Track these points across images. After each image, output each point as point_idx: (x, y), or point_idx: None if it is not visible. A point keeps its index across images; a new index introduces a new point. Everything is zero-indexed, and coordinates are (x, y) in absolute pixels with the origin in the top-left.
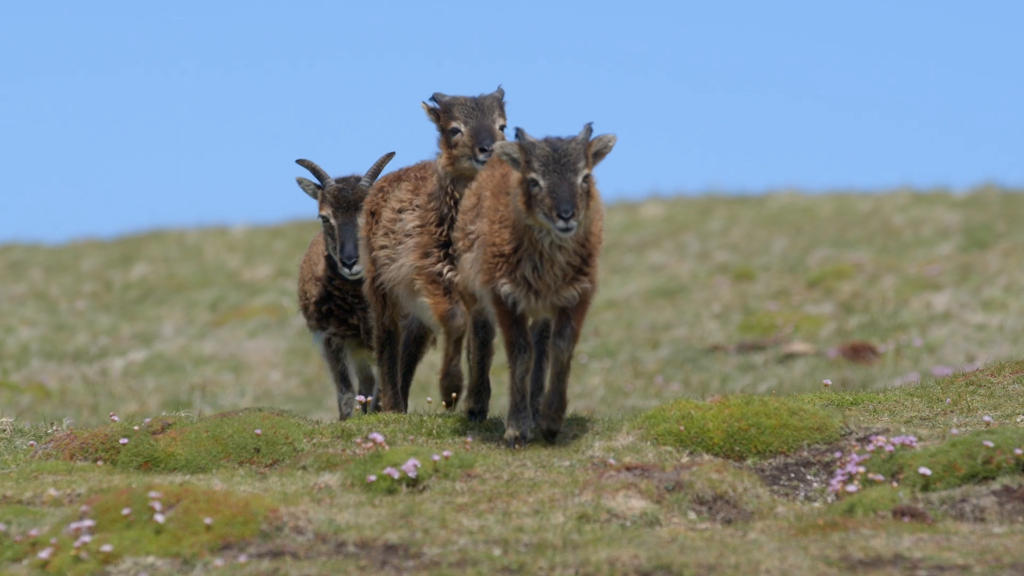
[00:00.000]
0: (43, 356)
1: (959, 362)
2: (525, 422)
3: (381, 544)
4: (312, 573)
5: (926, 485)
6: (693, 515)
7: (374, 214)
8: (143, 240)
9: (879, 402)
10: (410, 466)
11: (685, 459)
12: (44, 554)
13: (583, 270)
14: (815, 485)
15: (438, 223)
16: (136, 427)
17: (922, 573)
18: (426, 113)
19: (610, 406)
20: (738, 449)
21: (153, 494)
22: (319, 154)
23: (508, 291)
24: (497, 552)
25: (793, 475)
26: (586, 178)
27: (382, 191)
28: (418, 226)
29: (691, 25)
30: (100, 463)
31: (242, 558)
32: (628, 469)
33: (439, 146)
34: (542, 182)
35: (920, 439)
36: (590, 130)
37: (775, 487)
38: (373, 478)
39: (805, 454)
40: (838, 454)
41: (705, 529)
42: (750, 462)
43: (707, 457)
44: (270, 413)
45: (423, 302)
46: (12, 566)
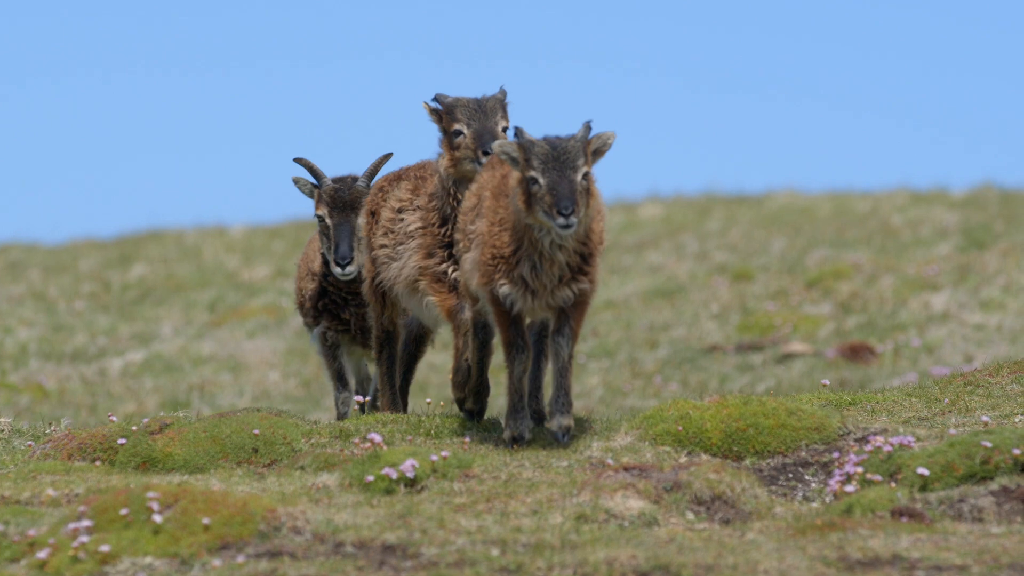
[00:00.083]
0: (41, 356)
1: (957, 362)
2: (523, 422)
3: (379, 544)
4: (310, 573)
5: (924, 485)
6: (691, 515)
7: (374, 214)
8: (141, 240)
9: (877, 402)
10: (408, 466)
11: (683, 459)
12: (42, 554)
13: (583, 270)
14: (813, 485)
15: (441, 224)
16: (134, 427)
17: (920, 573)
18: (428, 114)
19: (608, 406)
20: (736, 449)
21: (151, 494)
22: (318, 154)
23: (506, 292)
24: (495, 552)
25: (791, 475)
26: (585, 175)
27: (382, 191)
28: (421, 227)
29: (689, 25)
30: (98, 463)
31: (240, 558)
32: (626, 469)
33: (441, 147)
34: (542, 180)
35: (918, 439)
36: (589, 128)
37: (773, 487)
38: (371, 478)
39: (803, 454)
40: (836, 454)
41: (703, 529)
42: (748, 462)
43: (705, 457)
44: (268, 413)
45: (429, 301)
46: (10, 566)
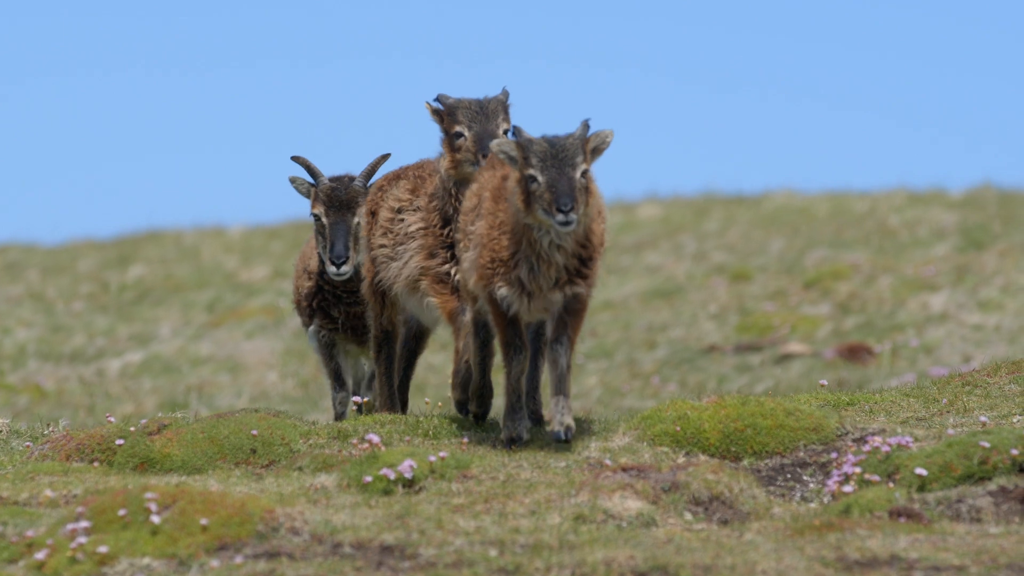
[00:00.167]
0: (40, 357)
1: (955, 362)
2: (521, 423)
3: (377, 545)
4: (308, 574)
5: (922, 486)
6: (689, 516)
7: (373, 214)
8: (140, 241)
9: (875, 403)
10: (406, 467)
11: (681, 460)
12: (40, 555)
13: (581, 273)
14: (811, 486)
15: (442, 224)
16: (132, 428)
17: (918, 574)
18: (430, 114)
19: (607, 407)
20: (734, 450)
21: (149, 495)
22: (317, 155)
23: (504, 295)
24: (493, 553)
25: (789, 476)
26: (584, 173)
27: (381, 190)
28: (422, 227)
29: (687, 26)
30: (96, 464)
31: (238, 559)
32: (624, 470)
33: (442, 147)
34: (540, 178)
35: (916, 440)
36: (587, 126)
37: (771, 488)
38: (369, 479)
39: (801, 455)
40: (834, 455)
41: (701, 530)
42: (746, 463)
43: (703, 458)
44: (266, 414)
45: (429, 302)
46: (8, 567)
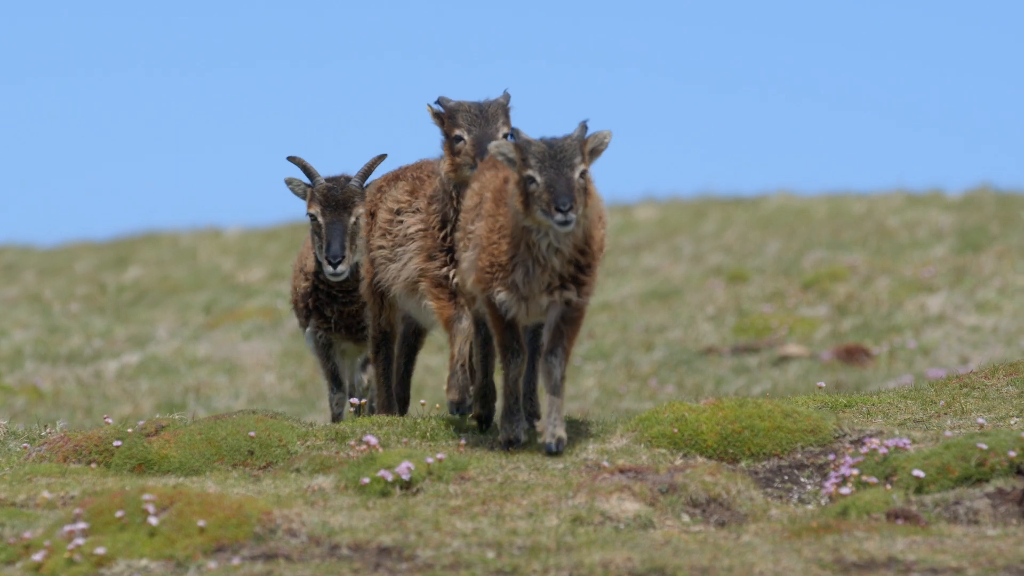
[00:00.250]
0: (37, 358)
1: (953, 364)
2: (518, 424)
3: (375, 546)
4: (305, 575)
5: (920, 487)
6: (687, 517)
7: (372, 215)
8: (136, 242)
9: (873, 404)
10: (404, 468)
11: (679, 461)
12: (38, 556)
13: (577, 279)
14: (809, 487)
15: (441, 226)
16: (130, 429)
17: None
18: (431, 116)
19: (604, 408)
20: (732, 451)
21: (147, 496)
22: (315, 156)
23: (502, 299)
24: (491, 555)
25: (787, 477)
26: (583, 174)
27: (380, 191)
28: (421, 229)
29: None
30: (94, 465)
31: (235, 560)
32: (622, 471)
33: (443, 149)
34: (539, 178)
35: (914, 441)
36: (585, 127)
37: (769, 489)
38: (367, 480)
39: (799, 456)
40: (832, 456)
41: (699, 531)
42: (744, 464)
43: (701, 459)
44: (264, 415)
45: (427, 305)
46: (6, 568)
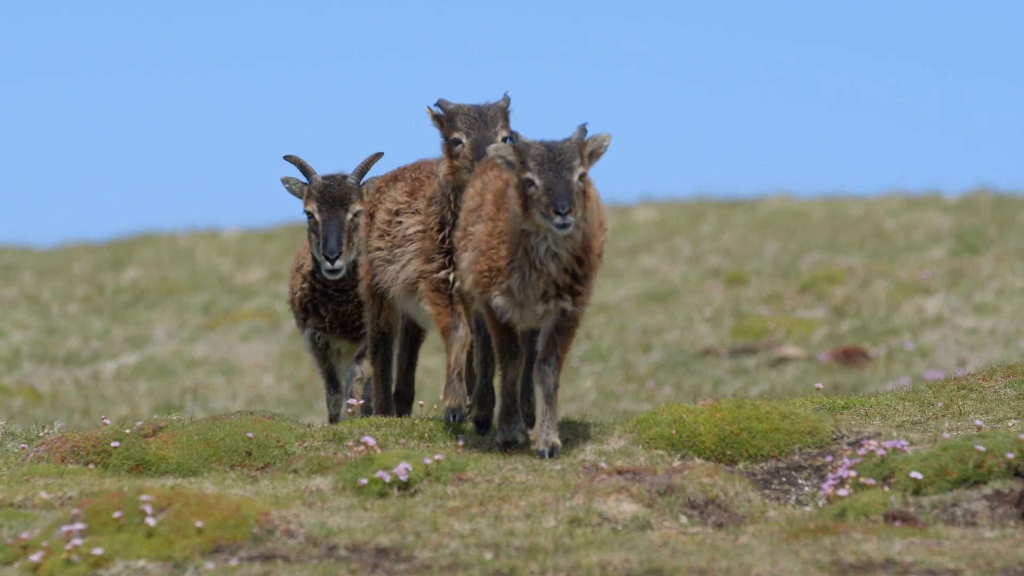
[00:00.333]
0: (34, 359)
1: (951, 366)
2: (516, 426)
3: (372, 547)
4: None
5: (917, 489)
6: (684, 519)
7: (371, 216)
8: (134, 243)
9: (871, 406)
10: (401, 470)
11: (677, 463)
12: (35, 557)
13: (573, 288)
14: (806, 489)
15: (439, 228)
16: (127, 430)
17: None
18: (430, 119)
19: (602, 410)
20: (729, 453)
21: (144, 497)
22: (313, 157)
23: (499, 303)
24: (488, 556)
25: (784, 479)
26: (582, 177)
27: (379, 192)
28: (419, 231)
29: (683, 28)
30: (91, 466)
31: (233, 561)
32: (619, 473)
33: (442, 151)
34: (538, 181)
35: (912, 443)
36: (584, 130)
37: (766, 491)
38: (364, 481)
39: (796, 458)
40: (829, 458)
41: (696, 533)
42: (741, 466)
43: (698, 461)
44: (262, 416)
45: (426, 308)
46: (3, 569)
